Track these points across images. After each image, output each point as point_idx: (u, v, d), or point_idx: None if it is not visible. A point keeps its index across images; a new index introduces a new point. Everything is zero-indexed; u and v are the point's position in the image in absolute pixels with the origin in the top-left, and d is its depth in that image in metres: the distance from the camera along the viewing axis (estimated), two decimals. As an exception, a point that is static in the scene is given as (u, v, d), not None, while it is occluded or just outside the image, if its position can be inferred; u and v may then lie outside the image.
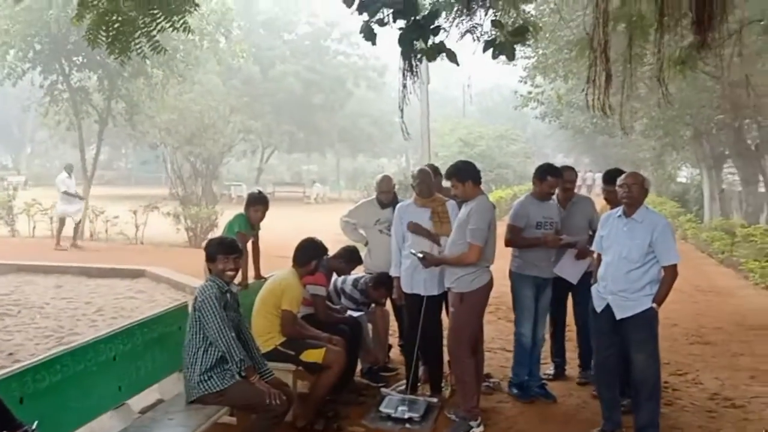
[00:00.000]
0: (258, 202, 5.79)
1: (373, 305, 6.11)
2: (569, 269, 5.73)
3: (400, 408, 5.08)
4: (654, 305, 4.41)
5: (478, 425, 4.86)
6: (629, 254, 4.47)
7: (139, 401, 4.24)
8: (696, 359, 6.79)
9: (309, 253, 5.03)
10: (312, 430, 4.74)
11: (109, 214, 15.78)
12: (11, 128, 52.80)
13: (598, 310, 4.65)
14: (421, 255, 4.94)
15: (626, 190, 4.49)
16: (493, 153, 33.22)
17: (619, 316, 4.50)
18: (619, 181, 4.59)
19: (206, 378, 3.84)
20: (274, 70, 35.62)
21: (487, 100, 61.00)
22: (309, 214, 24.56)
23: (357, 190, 21.80)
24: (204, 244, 4.47)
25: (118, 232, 15.58)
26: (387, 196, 6.26)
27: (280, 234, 10.97)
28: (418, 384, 5.70)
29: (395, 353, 6.59)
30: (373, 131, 41.94)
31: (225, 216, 15.78)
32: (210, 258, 4.07)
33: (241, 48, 19.35)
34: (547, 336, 5.80)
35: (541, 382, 5.70)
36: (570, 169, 5.98)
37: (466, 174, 4.90)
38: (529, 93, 20.00)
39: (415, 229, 5.18)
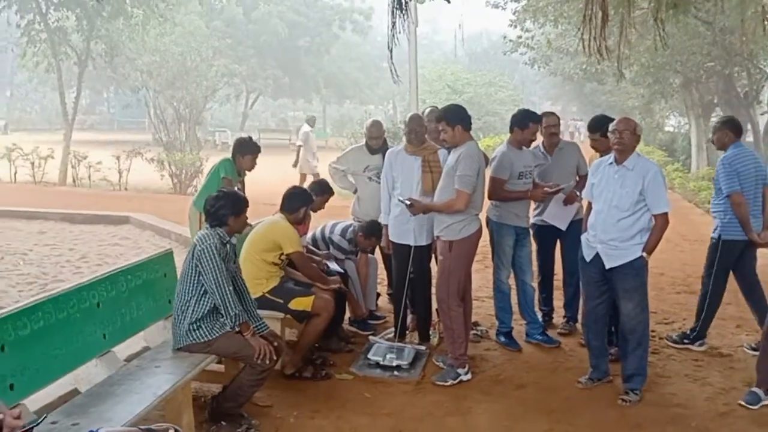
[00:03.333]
0: (249, 150, 5.65)
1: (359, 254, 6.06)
2: (557, 215, 5.70)
3: (388, 356, 5.07)
4: (644, 254, 4.37)
5: (466, 373, 4.86)
6: (619, 202, 4.40)
7: (125, 349, 4.19)
8: (682, 308, 6.82)
9: (298, 200, 4.92)
10: (300, 378, 4.73)
11: (92, 160, 15.53)
12: (-12, 70, 51.57)
13: (588, 259, 4.62)
14: (408, 202, 4.86)
15: (617, 137, 4.40)
16: (481, 100, 32.86)
17: (608, 265, 4.46)
18: (611, 126, 4.50)
19: (195, 327, 3.78)
20: (258, 11, 34.67)
21: (476, 46, 60.19)
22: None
23: (344, 138, 21.53)
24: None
25: (102, 178, 15.36)
26: (377, 142, 6.14)
27: (266, 181, 10.82)
28: (407, 332, 5.70)
29: (383, 301, 6.58)
30: (360, 77, 41.30)
31: (210, 162, 15.66)
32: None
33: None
34: (535, 285, 5.78)
35: (542, 328, 5.71)
36: (552, 114, 5.92)
37: (456, 117, 4.77)
38: (519, 38, 19.65)
39: (412, 203, 4.99)
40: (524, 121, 5.39)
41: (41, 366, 3.15)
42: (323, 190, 5.66)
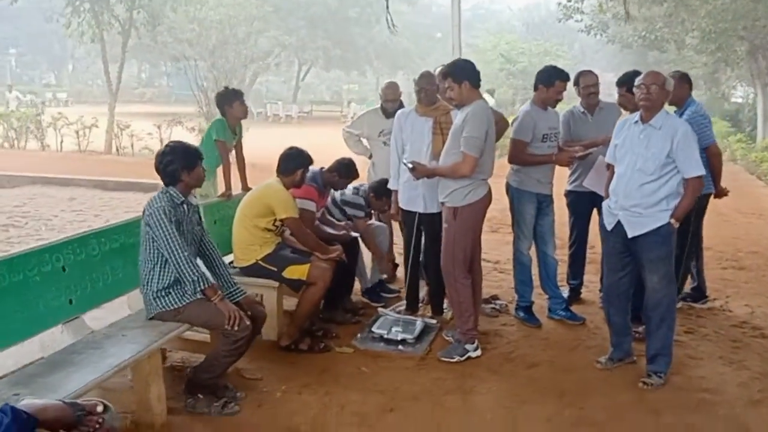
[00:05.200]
0: (233, 97, 5.29)
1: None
2: (599, 182, 5.24)
3: (394, 329, 4.77)
4: (672, 221, 3.92)
5: (475, 349, 4.52)
6: (644, 165, 3.95)
7: (106, 315, 3.99)
8: (727, 284, 6.29)
9: (294, 161, 4.61)
10: (297, 350, 4.47)
11: (136, 129, 15.62)
12: (52, 45, 52.70)
13: (609, 227, 4.18)
14: (410, 165, 4.50)
15: (644, 92, 3.92)
16: (535, 70, 31.65)
17: (631, 233, 4.02)
18: (637, 81, 4.02)
19: (164, 294, 3.52)
20: (308, -19, 34.33)
21: (533, 16, 58.43)
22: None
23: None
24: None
25: (143, 147, 15.43)
26: (392, 104, 5.79)
27: (316, 150, 10.52)
28: (420, 305, 5.38)
29: (402, 272, 6.25)
30: (410, 47, 40.52)
31: (250, 132, 15.56)
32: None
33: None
34: (557, 257, 5.35)
35: (565, 303, 5.32)
36: (590, 73, 5.40)
37: (462, 73, 4.36)
38: (569, 1, 18.78)
39: (415, 166, 4.62)
40: (550, 79, 4.95)
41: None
42: (348, 173, 5.28)
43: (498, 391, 4.08)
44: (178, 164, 3.57)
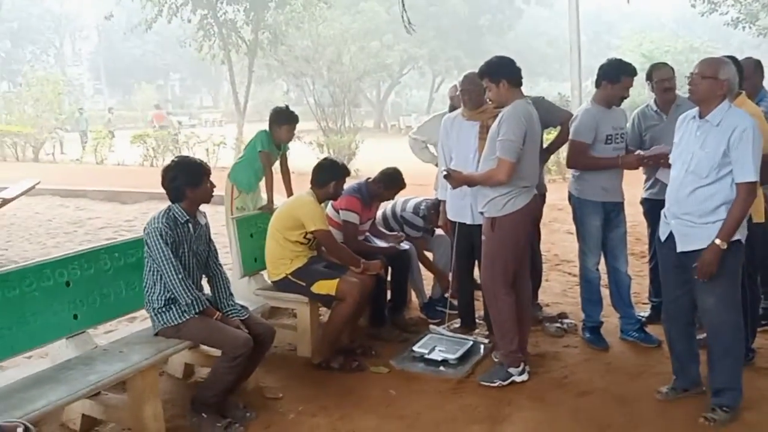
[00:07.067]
0: (285, 120, 5.28)
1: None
2: None
3: (438, 348, 4.46)
4: (717, 241, 3.32)
5: (521, 373, 4.11)
6: (697, 167, 3.39)
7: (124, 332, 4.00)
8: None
9: (327, 174, 4.45)
10: (328, 368, 4.29)
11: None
12: (209, 69, 56.46)
13: (663, 238, 3.65)
14: (445, 172, 4.19)
15: (689, 82, 3.41)
16: (681, 68, 29.70)
17: (680, 247, 3.48)
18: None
19: (164, 311, 3.47)
20: (438, -8, 34.21)
21: (685, 11, 54.82)
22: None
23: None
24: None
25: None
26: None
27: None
28: (478, 322, 5.03)
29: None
30: (549, 52, 39.28)
31: (364, 144, 15.70)
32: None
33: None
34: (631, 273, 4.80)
35: (639, 324, 4.77)
36: (664, 66, 4.80)
37: (499, 72, 4.01)
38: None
39: (450, 173, 4.29)
40: (615, 74, 4.45)
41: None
42: (394, 183, 5.07)
43: (533, 421, 3.67)
44: (182, 180, 3.52)
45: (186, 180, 3.51)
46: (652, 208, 4.82)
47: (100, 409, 3.42)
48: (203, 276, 3.70)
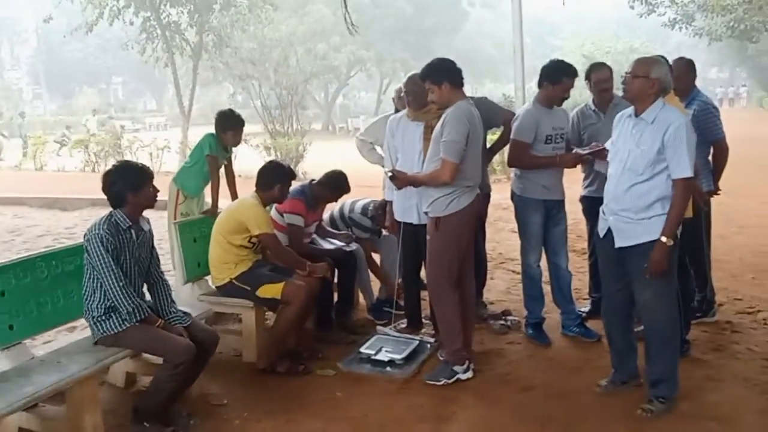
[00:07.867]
0: (230, 125, 5.22)
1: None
2: None
3: (384, 349, 4.47)
4: (663, 238, 3.41)
5: (465, 370, 4.15)
6: (634, 164, 3.49)
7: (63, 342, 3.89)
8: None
9: (272, 177, 4.41)
10: (274, 372, 4.26)
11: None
12: (153, 72, 55.30)
13: (601, 234, 3.74)
14: (390, 173, 4.21)
15: (625, 82, 3.51)
16: (621, 69, 30.47)
17: (618, 243, 3.58)
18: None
19: (104, 319, 3.39)
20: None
21: (625, 12, 56.33)
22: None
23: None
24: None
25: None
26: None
27: None
28: (424, 321, 5.06)
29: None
30: (494, 53, 39.77)
31: (312, 146, 15.63)
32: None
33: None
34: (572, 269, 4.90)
35: (580, 319, 4.87)
36: (603, 67, 4.90)
37: (441, 74, 4.05)
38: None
39: (395, 174, 4.32)
40: (556, 75, 4.54)
41: None
42: (339, 186, 5.09)
43: (477, 419, 3.71)
44: (122, 185, 3.44)
45: (126, 184, 3.44)
46: (591, 205, 4.93)
47: (37, 421, 3.33)
48: (144, 283, 3.63)
